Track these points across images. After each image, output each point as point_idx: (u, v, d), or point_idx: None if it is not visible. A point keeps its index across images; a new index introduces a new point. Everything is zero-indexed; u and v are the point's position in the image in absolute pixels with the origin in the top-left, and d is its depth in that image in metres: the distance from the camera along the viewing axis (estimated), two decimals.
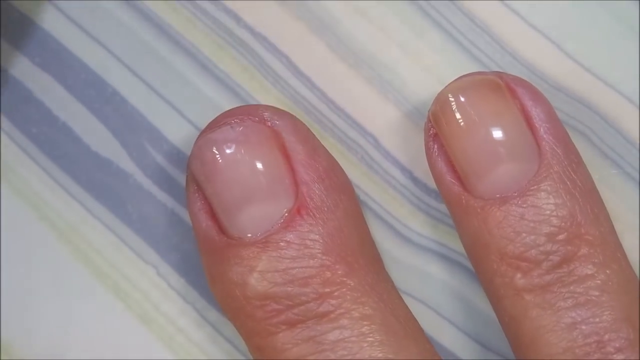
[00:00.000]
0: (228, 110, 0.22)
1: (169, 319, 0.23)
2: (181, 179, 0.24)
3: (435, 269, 0.23)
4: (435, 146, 0.21)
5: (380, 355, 0.20)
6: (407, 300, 0.22)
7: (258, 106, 0.22)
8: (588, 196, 0.21)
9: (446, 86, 0.21)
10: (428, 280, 0.23)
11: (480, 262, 0.21)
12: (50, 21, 0.24)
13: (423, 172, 0.23)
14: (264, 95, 0.24)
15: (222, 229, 0.21)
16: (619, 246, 0.21)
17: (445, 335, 0.23)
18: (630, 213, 0.23)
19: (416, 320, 0.21)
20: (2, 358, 0.23)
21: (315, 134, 0.23)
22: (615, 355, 0.20)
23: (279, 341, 0.20)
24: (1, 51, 0.24)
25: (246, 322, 0.21)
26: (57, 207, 0.24)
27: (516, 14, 0.23)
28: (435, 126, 0.21)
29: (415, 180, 0.23)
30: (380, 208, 0.23)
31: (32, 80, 0.24)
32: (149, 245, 0.23)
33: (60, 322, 0.23)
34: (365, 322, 0.20)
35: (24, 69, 0.24)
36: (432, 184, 0.23)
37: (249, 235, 0.20)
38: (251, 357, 0.22)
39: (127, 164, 0.24)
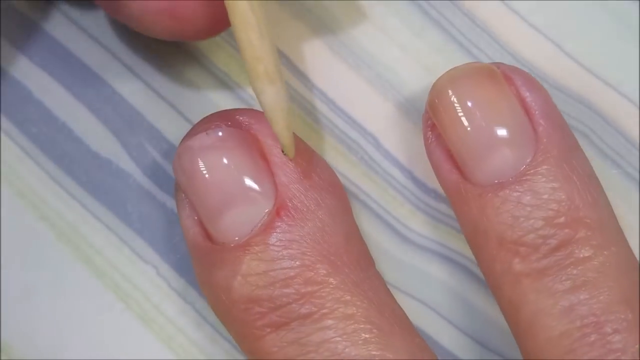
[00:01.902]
0: (205, 117, 0.22)
1: (169, 319, 0.23)
2: None
3: (435, 269, 0.23)
4: (433, 135, 0.22)
5: (364, 353, 0.20)
6: (407, 300, 0.22)
7: (235, 111, 0.22)
8: (586, 180, 0.21)
9: (442, 75, 0.21)
10: (428, 280, 0.23)
11: (480, 250, 0.21)
12: (51, 21, 0.24)
13: (423, 172, 0.23)
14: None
15: (208, 235, 0.21)
16: (618, 230, 0.21)
17: (445, 335, 0.23)
18: (630, 213, 0.23)
19: (405, 316, 0.21)
20: (2, 358, 0.23)
21: (315, 134, 0.23)
22: (612, 337, 0.19)
23: (266, 344, 0.20)
24: (1, 51, 0.24)
25: (234, 326, 0.21)
26: (57, 207, 0.24)
27: (516, 14, 0.23)
28: (431, 115, 0.21)
29: (415, 180, 0.23)
30: (380, 208, 0.23)
31: (32, 80, 0.24)
32: (149, 245, 0.23)
33: (60, 322, 0.23)
34: (349, 322, 0.20)
35: (24, 69, 0.24)
36: (432, 183, 0.23)
37: (232, 239, 0.21)
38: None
39: (127, 164, 0.24)
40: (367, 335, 0.20)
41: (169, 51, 0.24)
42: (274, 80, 0.19)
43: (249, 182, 0.21)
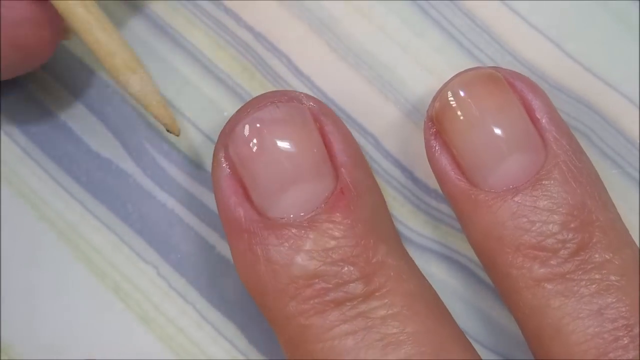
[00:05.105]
0: (266, 93, 0.21)
1: (169, 319, 0.23)
2: (181, 178, 0.24)
3: (435, 269, 0.23)
4: (437, 144, 0.21)
5: (422, 328, 0.20)
6: None
7: (293, 91, 0.22)
8: (594, 183, 0.21)
9: (445, 83, 0.21)
10: (428, 280, 0.23)
11: (493, 256, 0.21)
12: None
13: (423, 172, 0.23)
14: None
15: (257, 211, 0.21)
16: (627, 230, 0.21)
17: None
18: (631, 213, 0.23)
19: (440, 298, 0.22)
20: (2, 358, 0.23)
21: None
22: None
23: (327, 319, 0.20)
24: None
25: (289, 303, 0.20)
26: (57, 207, 0.24)
27: (516, 14, 0.23)
28: (436, 124, 0.21)
29: (415, 180, 0.23)
30: None
31: (32, 80, 0.24)
32: (149, 245, 0.23)
33: (61, 322, 0.23)
34: (409, 298, 0.20)
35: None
36: (432, 184, 0.23)
37: (297, 214, 0.20)
38: (255, 357, 0.22)
39: (127, 164, 0.24)
40: (425, 311, 0.20)
41: (169, 51, 0.24)
42: (134, 69, 0.20)
43: (315, 159, 0.21)
